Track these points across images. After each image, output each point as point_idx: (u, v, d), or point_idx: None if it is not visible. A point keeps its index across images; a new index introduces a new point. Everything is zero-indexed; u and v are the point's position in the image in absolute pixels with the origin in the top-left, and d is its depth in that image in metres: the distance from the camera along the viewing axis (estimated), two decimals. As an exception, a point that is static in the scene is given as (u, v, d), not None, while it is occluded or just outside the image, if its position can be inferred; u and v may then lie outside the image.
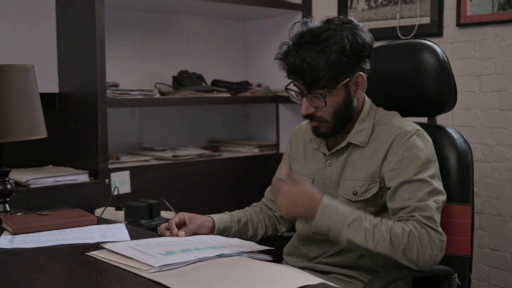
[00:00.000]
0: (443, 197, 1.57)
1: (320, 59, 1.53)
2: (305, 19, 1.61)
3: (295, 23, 1.63)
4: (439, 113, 1.79)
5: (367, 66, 1.63)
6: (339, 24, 1.57)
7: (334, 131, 1.65)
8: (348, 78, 1.59)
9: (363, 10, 3.09)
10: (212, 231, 1.73)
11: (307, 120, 1.76)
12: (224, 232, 1.76)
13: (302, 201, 1.51)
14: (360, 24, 1.61)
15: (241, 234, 1.80)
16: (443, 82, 1.72)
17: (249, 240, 1.80)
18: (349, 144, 1.67)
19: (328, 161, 1.70)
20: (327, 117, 1.62)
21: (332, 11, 3.21)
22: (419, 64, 1.73)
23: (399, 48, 1.80)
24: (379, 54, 1.84)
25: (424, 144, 1.60)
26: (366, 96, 1.72)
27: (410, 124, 1.65)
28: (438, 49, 1.74)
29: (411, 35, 2.86)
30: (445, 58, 1.74)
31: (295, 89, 1.64)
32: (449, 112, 2.77)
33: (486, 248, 2.73)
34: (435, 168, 1.59)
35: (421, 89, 1.74)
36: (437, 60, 1.72)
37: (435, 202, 1.54)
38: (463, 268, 1.68)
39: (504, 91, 2.63)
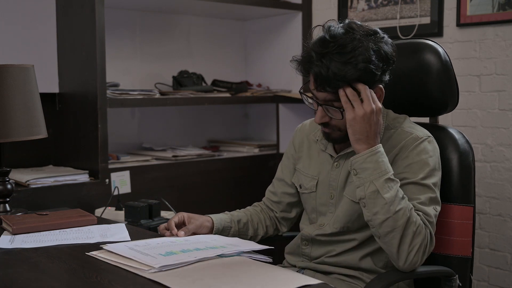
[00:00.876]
0: (439, 209, 1.57)
1: (346, 68, 1.49)
2: (328, 24, 1.56)
3: (315, 26, 1.58)
4: (441, 113, 1.79)
5: (387, 78, 1.59)
6: (364, 36, 1.52)
7: (345, 138, 1.61)
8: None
9: (363, 10, 3.09)
10: (211, 231, 1.73)
11: (311, 119, 1.75)
12: (224, 232, 1.76)
13: (368, 128, 1.49)
14: (385, 36, 1.57)
15: (240, 234, 1.80)
16: (446, 82, 1.72)
17: (249, 240, 1.80)
18: None
19: (336, 163, 1.70)
20: (341, 126, 1.58)
21: (332, 11, 3.21)
22: (421, 64, 1.73)
23: (401, 48, 1.79)
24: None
25: (434, 151, 1.60)
26: None
27: (421, 129, 1.64)
28: (440, 49, 1.74)
29: (411, 35, 2.86)
30: (447, 58, 1.73)
31: (313, 96, 1.60)
32: (449, 112, 2.78)
33: (486, 248, 2.73)
34: (438, 177, 1.60)
35: (424, 89, 1.74)
36: (439, 60, 1.72)
37: (434, 209, 1.54)
38: (464, 269, 1.68)
39: (504, 91, 2.63)
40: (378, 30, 1.57)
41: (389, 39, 1.58)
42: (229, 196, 2.98)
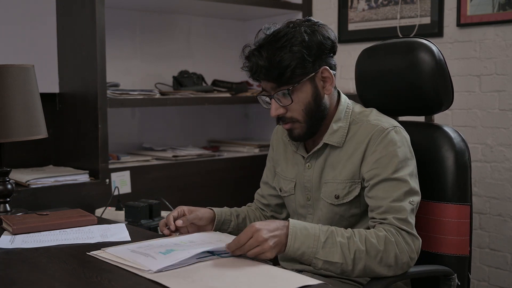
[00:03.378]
0: (418, 198, 1.55)
1: (281, 53, 1.53)
2: (267, 26, 1.62)
3: (259, 30, 1.63)
4: (436, 112, 1.79)
5: (333, 62, 1.62)
6: (297, 23, 1.59)
7: (308, 132, 1.62)
8: (313, 73, 1.58)
9: (363, 10, 3.09)
10: (212, 222, 1.72)
11: None
12: (224, 224, 1.75)
13: (275, 230, 1.42)
14: (320, 21, 1.62)
15: (239, 229, 1.79)
16: (440, 80, 1.71)
17: None
18: (326, 145, 1.65)
19: (307, 163, 1.69)
20: (298, 116, 1.60)
21: (332, 11, 3.21)
22: (415, 62, 1.72)
23: (395, 47, 1.80)
24: (375, 53, 1.84)
25: (402, 141, 1.58)
26: (342, 94, 1.70)
27: (387, 120, 1.63)
28: (434, 48, 1.73)
29: (412, 35, 2.86)
30: (441, 57, 1.73)
31: (264, 93, 1.63)
32: (449, 112, 2.78)
33: (486, 248, 2.73)
34: (412, 165, 1.58)
35: (418, 88, 1.73)
36: (433, 59, 1.71)
37: (410, 203, 1.52)
38: (462, 268, 1.68)
39: (504, 91, 2.63)
40: (312, 18, 1.63)
41: (327, 25, 1.63)
42: (229, 196, 2.98)
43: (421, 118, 1.84)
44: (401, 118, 1.84)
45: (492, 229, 2.71)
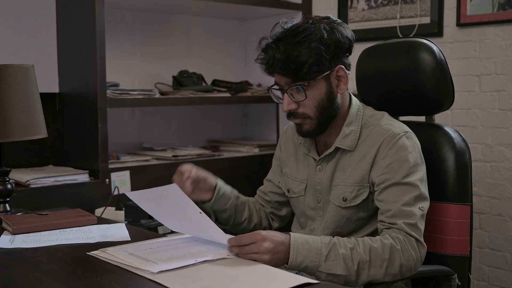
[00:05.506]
0: (427, 204, 1.55)
1: (299, 48, 1.52)
2: (285, 20, 1.61)
3: (276, 24, 1.62)
4: (436, 112, 1.79)
5: (348, 61, 1.62)
6: (317, 19, 1.59)
7: (317, 129, 1.62)
8: (329, 71, 1.57)
9: (363, 10, 3.09)
10: (212, 191, 1.73)
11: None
12: (222, 198, 1.75)
13: (279, 245, 1.42)
14: (339, 20, 1.62)
15: (236, 210, 1.80)
16: (441, 80, 1.71)
17: (242, 223, 1.81)
18: (337, 148, 1.65)
19: (318, 166, 1.69)
20: (309, 112, 1.59)
21: (332, 11, 3.21)
22: (416, 62, 1.72)
23: (396, 46, 1.80)
24: (375, 53, 1.84)
25: (413, 147, 1.58)
26: (353, 97, 1.70)
27: (399, 125, 1.63)
28: (434, 48, 1.73)
29: (411, 35, 2.86)
30: (442, 57, 1.73)
31: (277, 87, 1.63)
32: (449, 112, 2.78)
33: (486, 248, 2.73)
34: (423, 171, 1.58)
35: (418, 88, 1.73)
36: (434, 59, 1.71)
37: (420, 209, 1.52)
38: (462, 268, 1.68)
39: (504, 91, 2.63)
40: (331, 16, 1.63)
41: (345, 24, 1.62)
42: (229, 196, 2.98)
43: (422, 118, 1.84)
44: (402, 118, 1.84)
45: (492, 229, 2.71)
